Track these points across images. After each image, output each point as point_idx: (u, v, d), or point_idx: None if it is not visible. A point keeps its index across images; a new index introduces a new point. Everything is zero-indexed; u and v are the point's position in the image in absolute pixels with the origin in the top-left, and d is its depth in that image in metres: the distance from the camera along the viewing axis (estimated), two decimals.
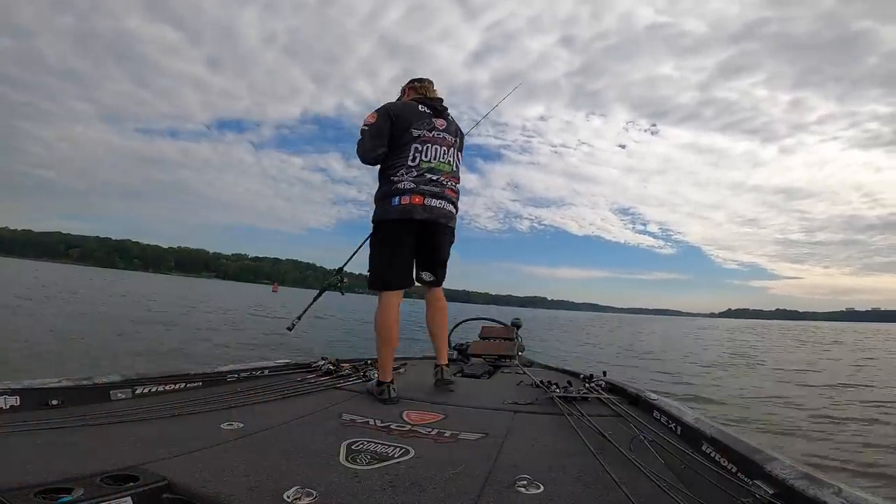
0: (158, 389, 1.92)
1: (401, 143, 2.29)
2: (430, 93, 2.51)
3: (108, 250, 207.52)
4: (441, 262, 2.45)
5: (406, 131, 2.29)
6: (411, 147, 2.29)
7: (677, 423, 1.64)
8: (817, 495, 0.89)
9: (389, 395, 2.09)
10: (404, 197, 2.23)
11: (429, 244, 2.36)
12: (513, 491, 1.09)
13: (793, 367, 10.22)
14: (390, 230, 2.29)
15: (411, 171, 2.26)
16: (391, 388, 2.12)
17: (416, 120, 2.32)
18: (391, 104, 2.40)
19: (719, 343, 20.06)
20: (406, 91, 2.56)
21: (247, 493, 0.99)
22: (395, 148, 2.30)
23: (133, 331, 8.92)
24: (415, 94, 2.49)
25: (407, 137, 2.29)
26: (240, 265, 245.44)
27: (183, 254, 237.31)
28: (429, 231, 2.32)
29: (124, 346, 6.96)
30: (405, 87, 2.58)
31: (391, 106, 2.37)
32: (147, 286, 35.23)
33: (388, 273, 2.30)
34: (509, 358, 3.78)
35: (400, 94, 2.61)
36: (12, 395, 1.49)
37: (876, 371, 10.01)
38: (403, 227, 2.27)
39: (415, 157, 2.29)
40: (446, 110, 2.46)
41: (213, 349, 7.74)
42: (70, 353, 6.03)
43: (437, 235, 2.36)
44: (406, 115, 2.32)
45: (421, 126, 2.33)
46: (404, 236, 2.29)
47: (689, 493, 1.05)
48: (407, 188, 2.24)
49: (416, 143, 2.30)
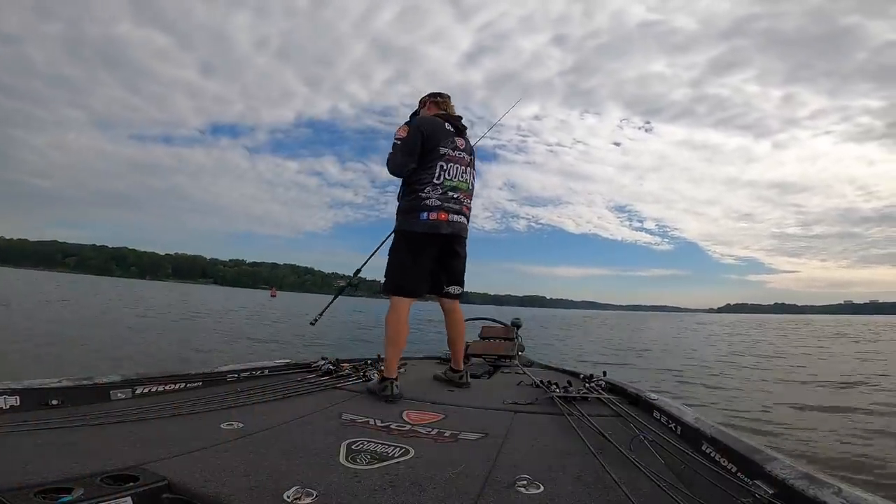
0: (158, 389, 1.92)
1: (428, 160, 2.41)
2: (450, 109, 2.61)
3: (104, 258, 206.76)
4: (456, 278, 2.58)
5: (434, 149, 2.41)
6: (437, 165, 2.41)
7: (677, 423, 1.64)
8: (817, 495, 0.89)
9: (392, 392, 2.11)
10: (432, 213, 2.37)
11: (450, 257, 2.52)
12: (513, 491, 1.09)
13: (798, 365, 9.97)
14: (416, 241, 2.41)
15: (437, 189, 2.40)
16: (395, 384, 2.15)
17: (443, 138, 2.44)
18: (422, 120, 2.51)
19: (720, 338, 19.71)
20: (427, 105, 2.64)
21: (247, 493, 0.99)
22: (422, 164, 2.41)
23: (127, 336, 8.92)
24: (436, 110, 2.60)
25: (434, 155, 2.41)
26: (237, 271, 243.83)
27: (180, 260, 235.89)
28: (451, 244, 2.49)
29: (118, 352, 6.92)
30: (426, 99, 2.67)
31: (422, 122, 2.48)
32: (143, 293, 34.96)
33: (406, 280, 2.42)
34: (509, 358, 3.78)
35: (419, 105, 2.68)
36: (12, 395, 1.49)
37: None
38: (430, 240, 2.41)
39: (440, 175, 2.43)
40: (465, 129, 2.59)
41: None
42: (67, 355, 6.02)
43: (459, 247, 2.54)
44: (435, 132, 2.43)
45: (447, 144, 2.46)
46: (428, 248, 2.42)
47: (689, 493, 1.05)
48: (434, 205, 2.38)
49: (441, 161, 2.42)
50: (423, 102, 2.67)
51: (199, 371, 2.18)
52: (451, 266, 2.55)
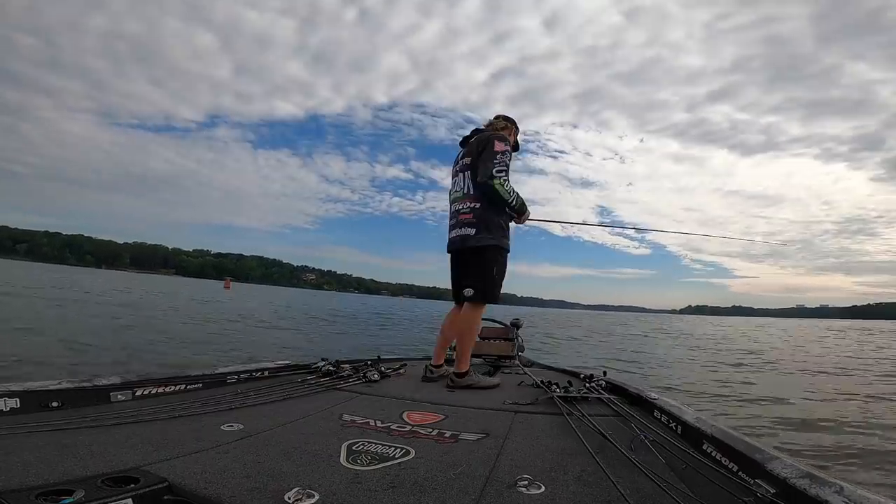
0: (159, 391, 1.92)
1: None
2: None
3: (58, 246, 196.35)
4: (467, 282, 2.67)
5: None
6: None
7: (678, 422, 1.65)
8: (819, 494, 0.89)
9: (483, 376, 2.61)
10: (449, 232, 2.75)
11: (464, 266, 2.72)
12: (514, 491, 1.09)
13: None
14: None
15: (449, 209, 2.78)
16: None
17: (457, 157, 2.79)
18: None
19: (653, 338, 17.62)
20: (512, 131, 2.89)
21: (248, 495, 0.99)
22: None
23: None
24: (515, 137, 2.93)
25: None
26: (201, 262, 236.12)
27: (139, 249, 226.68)
28: (460, 256, 2.74)
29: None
30: (511, 126, 2.89)
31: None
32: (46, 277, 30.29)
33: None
34: (509, 358, 3.78)
35: (504, 130, 2.83)
36: (12, 398, 1.49)
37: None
38: (450, 256, 2.81)
39: (449, 194, 2.81)
40: (473, 136, 2.77)
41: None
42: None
43: (461, 261, 2.75)
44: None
45: (456, 163, 2.78)
46: (452, 263, 2.82)
47: (690, 493, 1.06)
48: (448, 225, 2.78)
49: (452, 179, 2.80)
50: (508, 128, 2.87)
51: (200, 373, 2.19)
52: (464, 273, 2.72)
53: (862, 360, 11.01)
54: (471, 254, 2.62)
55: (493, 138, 2.57)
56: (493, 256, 2.59)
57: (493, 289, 2.61)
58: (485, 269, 2.58)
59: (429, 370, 2.72)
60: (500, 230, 2.61)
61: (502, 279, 2.65)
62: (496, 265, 2.59)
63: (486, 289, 2.60)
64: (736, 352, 12.61)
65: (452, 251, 2.75)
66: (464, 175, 2.65)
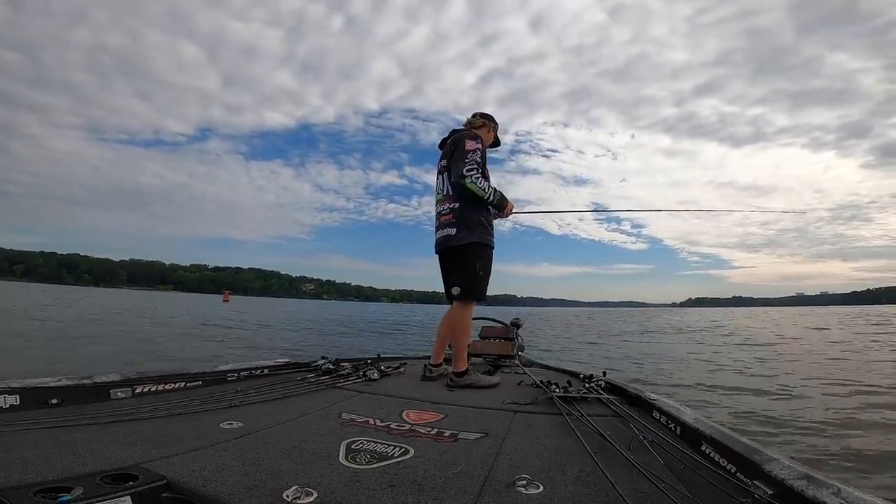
0: (158, 389, 1.92)
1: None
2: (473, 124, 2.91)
3: (54, 265, 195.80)
4: (454, 281, 2.70)
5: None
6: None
7: (677, 423, 1.64)
8: (816, 495, 0.89)
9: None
10: (435, 234, 2.79)
11: (450, 265, 2.76)
12: (512, 491, 1.09)
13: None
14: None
15: (434, 211, 2.81)
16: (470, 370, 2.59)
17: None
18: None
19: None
20: (490, 128, 2.93)
21: (246, 493, 0.99)
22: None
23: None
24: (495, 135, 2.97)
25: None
26: (199, 276, 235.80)
27: (135, 266, 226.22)
28: (446, 256, 2.78)
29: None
30: (489, 123, 2.92)
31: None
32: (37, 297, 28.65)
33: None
34: (509, 358, 3.79)
35: (482, 128, 2.88)
36: (12, 394, 1.49)
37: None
38: (438, 257, 2.84)
39: (435, 196, 2.82)
40: (450, 137, 2.75)
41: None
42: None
43: (445, 261, 2.81)
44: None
45: (437, 166, 2.81)
46: (440, 264, 2.86)
47: (688, 494, 1.06)
48: (434, 226, 2.80)
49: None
50: (484, 125, 2.90)
51: (199, 370, 2.19)
52: (450, 273, 2.76)
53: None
54: (454, 253, 2.65)
55: (463, 137, 2.60)
56: (475, 253, 2.61)
57: (478, 285, 2.63)
58: (468, 266, 2.62)
59: (428, 369, 2.73)
60: (482, 227, 2.62)
61: (488, 275, 2.65)
62: (479, 262, 2.61)
63: (471, 286, 2.62)
64: (759, 347, 11.86)
65: (438, 252, 2.80)
66: (443, 177, 2.71)
